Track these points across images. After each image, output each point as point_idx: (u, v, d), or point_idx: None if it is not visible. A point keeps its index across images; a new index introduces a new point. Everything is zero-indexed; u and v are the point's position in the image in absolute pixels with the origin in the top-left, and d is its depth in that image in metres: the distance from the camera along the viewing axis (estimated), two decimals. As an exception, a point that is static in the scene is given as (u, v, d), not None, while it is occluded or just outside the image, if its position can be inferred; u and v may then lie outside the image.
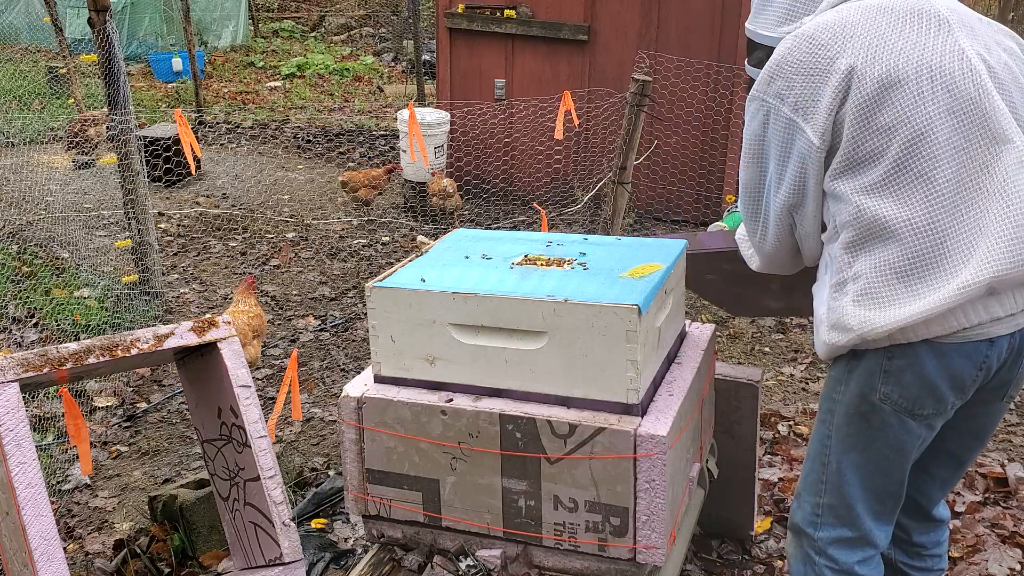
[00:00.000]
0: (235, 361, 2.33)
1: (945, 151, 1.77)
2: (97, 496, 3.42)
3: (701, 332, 2.60)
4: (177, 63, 12.05)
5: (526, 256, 2.38)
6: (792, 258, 2.11)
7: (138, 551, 2.95)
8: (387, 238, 6.58)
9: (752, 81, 2.12)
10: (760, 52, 2.11)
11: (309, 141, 9.14)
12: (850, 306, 1.83)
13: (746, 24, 2.18)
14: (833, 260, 1.91)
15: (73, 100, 8.74)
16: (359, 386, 2.27)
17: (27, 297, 4.86)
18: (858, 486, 1.98)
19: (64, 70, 9.07)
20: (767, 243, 2.08)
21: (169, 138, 7.27)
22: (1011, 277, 1.74)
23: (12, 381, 2.01)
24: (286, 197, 7.45)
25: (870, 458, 1.95)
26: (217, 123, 9.82)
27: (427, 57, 11.44)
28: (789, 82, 1.87)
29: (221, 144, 9.01)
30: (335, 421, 3.95)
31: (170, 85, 11.83)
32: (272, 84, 12.38)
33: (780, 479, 3.43)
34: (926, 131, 1.78)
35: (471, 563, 2.21)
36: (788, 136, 1.89)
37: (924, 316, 1.76)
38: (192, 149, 4.92)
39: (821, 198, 1.92)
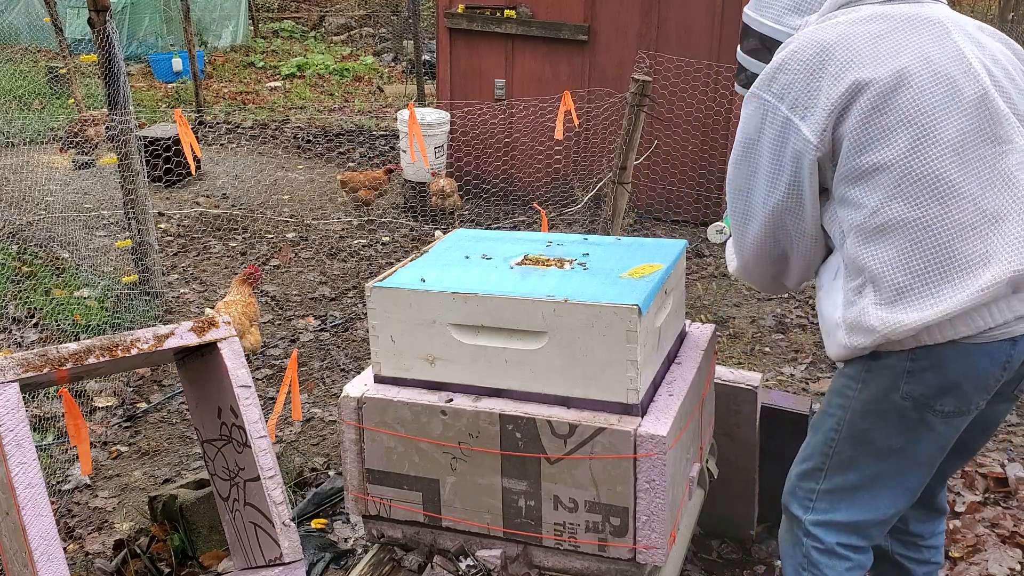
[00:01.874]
0: (235, 361, 2.33)
1: (951, 151, 1.79)
2: (97, 496, 3.42)
3: (701, 332, 2.60)
4: (177, 63, 12.05)
5: (526, 256, 2.38)
6: (771, 270, 2.11)
7: (138, 551, 2.95)
8: (387, 238, 6.58)
9: (741, 67, 2.21)
10: (755, 40, 2.14)
11: (309, 141, 9.14)
12: (871, 308, 1.83)
13: (745, 9, 2.17)
14: (846, 265, 1.91)
15: (73, 100, 8.74)
16: (359, 386, 2.27)
17: (27, 297, 4.86)
18: (862, 478, 2.00)
19: (64, 70, 9.07)
20: (746, 246, 2.07)
21: (169, 138, 7.27)
22: None
23: (12, 381, 2.01)
24: (286, 197, 7.45)
25: (882, 452, 1.96)
26: (217, 123, 9.82)
27: (427, 57, 11.44)
28: (791, 82, 1.88)
29: (221, 144, 9.01)
30: (335, 421, 3.95)
31: (170, 85, 11.83)
32: (272, 84, 12.38)
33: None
34: (930, 131, 1.79)
35: (471, 563, 2.21)
36: (783, 135, 1.89)
37: (950, 315, 1.77)
38: (192, 149, 4.91)
39: (818, 202, 1.93)
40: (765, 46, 2.10)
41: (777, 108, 1.90)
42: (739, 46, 2.21)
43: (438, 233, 6.14)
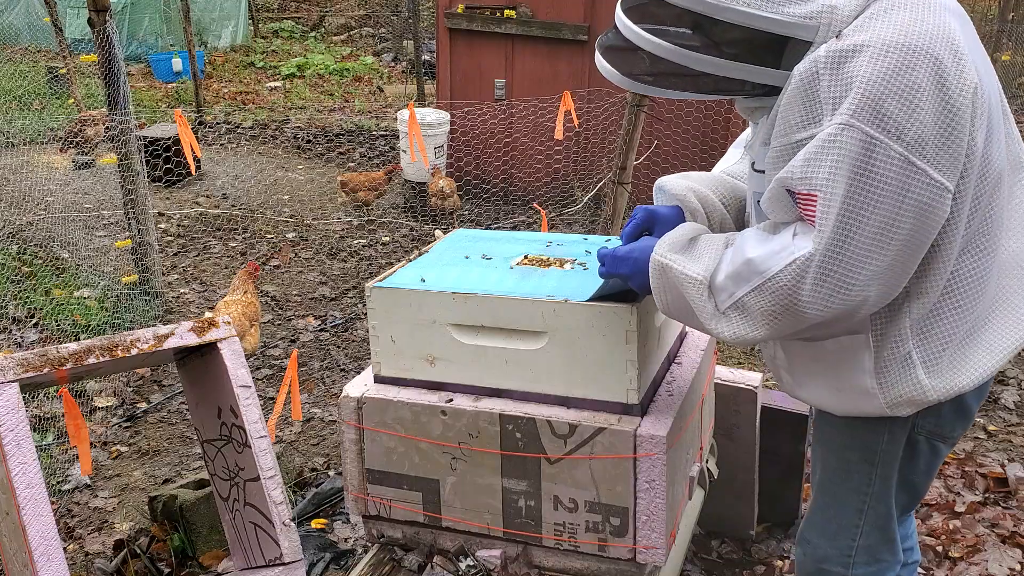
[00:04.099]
0: (235, 361, 2.33)
1: (999, 182, 1.61)
2: (97, 496, 3.42)
3: (701, 332, 2.60)
4: (177, 63, 12.05)
5: (526, 256, 2.38)
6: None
7: (138, 551, 2.95)
8: (387, 238, 6.58)
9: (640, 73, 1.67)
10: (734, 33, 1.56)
11: (309, 141, 9.15)
12: (925, 379, 1.65)
13: None
14: (887, 332, 1.66)
15: (73, 100, 8.74)
16: (359, 386, 2.27)
17: (27, 297, 4.86)
18: (895, 517, 1.93)
19: (64, 70, 9.07)
20: (810, 316, 1.55)
21: (169, 138, 7.27)
22: None
23: (12, 381, 2.01)
24: (286, 197, 7.45)
25: (904, 489, 1.90)
26: (217, 123, 9.82)
27: (427, 57, 11.45)
28: (909, 112, 1.44)
29: (221, 144, 9.01)
30: (335, 421, 3.95)
31: (170, 85, 11.83)
32: (272, 84, 12.38)
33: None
34: (999, 168, 1.58)
35: (471, 563, 2.21)
36: (903, 182, 1.46)
37: (999, 367, 1.67)
38: (192, 149, 4.92)
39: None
40: (719, 38, 1.58)
41: (890, 147, 1.46)
42: (658, 38, 1.60)
43: (438, 232, 6.14)
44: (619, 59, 1.69)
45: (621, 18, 1.65)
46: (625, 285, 1.89)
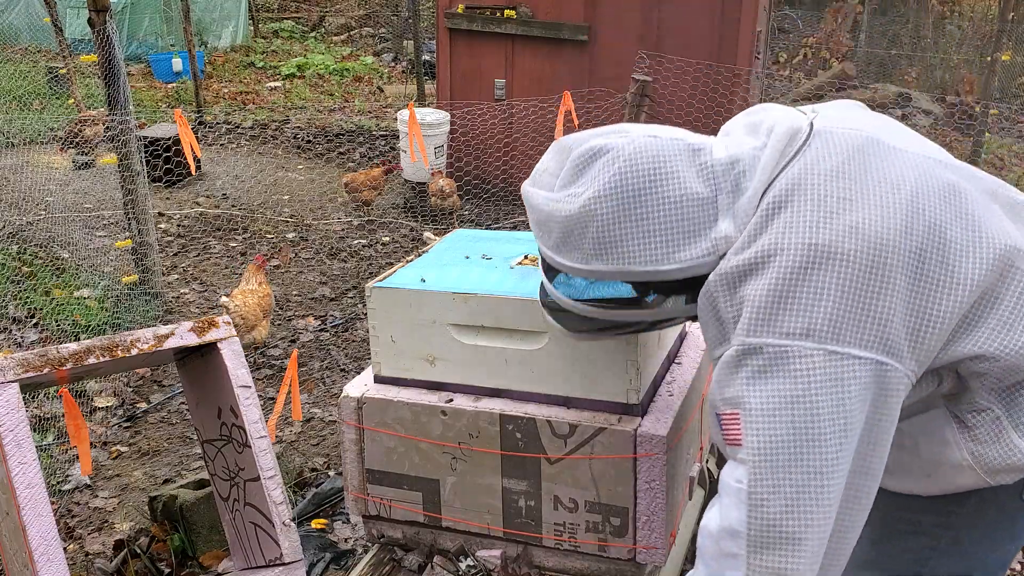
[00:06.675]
0: (235, 361, 2.33)
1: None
2: (97, 496, 3.42)
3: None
4: (177, 63, 12.04)
5: (526, 256, 2.38)
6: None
7: (138, 551, 2.95)
8: (387, 238, 6.58)
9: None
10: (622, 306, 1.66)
11: (309, 141, 9.14)
12: (1019, 440, 1.54)
13: (574, 264, 1.59)
14: (961, 400, 1.57)
15: (73, 100, 8.74)
16: (359, 386, 2.27)
17: (27, 297, 4.86)
18: None
19: (64, 70, 9.07)
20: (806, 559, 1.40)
21: (169, 138, 7.26)
22: None
23: (12, 381, 2.01)
24: (286, 197, 7.45)
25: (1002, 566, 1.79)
26: (217, 123, 9.82)
27: (427, 57, 11.45)
28: (811, 305, 1.40)
29: (221, 144, 9.00)
30: (335, 421, 3.95)
31: (170, 85, 11.82)
32: (272, 84, 12.37)
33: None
34: (1011, 244, 1.52)
35: (471, 563, 2.21)
36: (833, 373, 1.39)
37: None
38: (192, 149, 4.92)
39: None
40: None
41: (837, 354, 1.40)
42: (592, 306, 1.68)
43: (427, 235, 6.13)
44: (564, 319, 1.77)
45: (552, 291, 1.73)
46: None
